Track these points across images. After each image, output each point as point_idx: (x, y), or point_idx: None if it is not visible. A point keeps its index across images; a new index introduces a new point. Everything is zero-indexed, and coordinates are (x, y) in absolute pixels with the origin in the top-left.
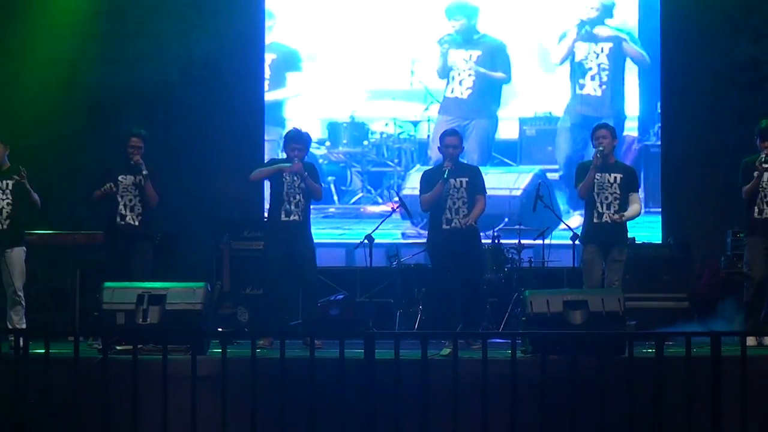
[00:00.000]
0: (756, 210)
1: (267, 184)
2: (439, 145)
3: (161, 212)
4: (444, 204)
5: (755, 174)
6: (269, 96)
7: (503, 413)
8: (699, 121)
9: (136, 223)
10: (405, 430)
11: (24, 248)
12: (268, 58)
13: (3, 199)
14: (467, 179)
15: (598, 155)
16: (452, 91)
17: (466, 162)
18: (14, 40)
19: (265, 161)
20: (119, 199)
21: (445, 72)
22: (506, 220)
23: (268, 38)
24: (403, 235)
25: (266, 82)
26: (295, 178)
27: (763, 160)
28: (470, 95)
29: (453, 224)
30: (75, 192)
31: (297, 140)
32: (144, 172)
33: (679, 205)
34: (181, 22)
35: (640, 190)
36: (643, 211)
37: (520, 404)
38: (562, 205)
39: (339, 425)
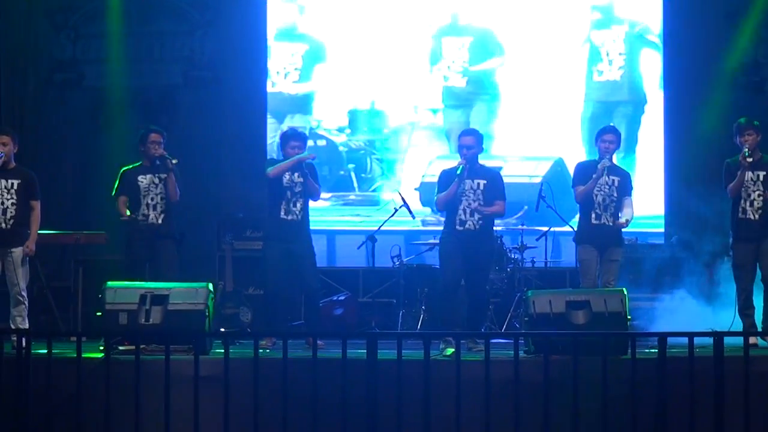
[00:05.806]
0: (740, 210)
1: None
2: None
3: None
4: (458, 205)
5: (738, 172)
6: (299, 88)
7: (506, 414)
8: (701, 122)
9: (159, 222)
10: (407, 430)
11: None
12: (301, 48)
13: (8, 199)
14: (485, 182)
15: (606, 162)
16: (447, 79)
17: (486, 165)
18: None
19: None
20: (141, 200)
21: (435, 59)
22: (525, 207)
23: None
24: (423, 222)
25: (297, 73)
26: (294, 177)
27: (746, 154)
28: (467, 83)
29: (467, 226)
30: (77, 192)
31: (296, 138)
32: (174, 161)
33: (681, 205)
34: (183, 23)
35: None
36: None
37: (523, 404)
38: None
39: (341, 426)
